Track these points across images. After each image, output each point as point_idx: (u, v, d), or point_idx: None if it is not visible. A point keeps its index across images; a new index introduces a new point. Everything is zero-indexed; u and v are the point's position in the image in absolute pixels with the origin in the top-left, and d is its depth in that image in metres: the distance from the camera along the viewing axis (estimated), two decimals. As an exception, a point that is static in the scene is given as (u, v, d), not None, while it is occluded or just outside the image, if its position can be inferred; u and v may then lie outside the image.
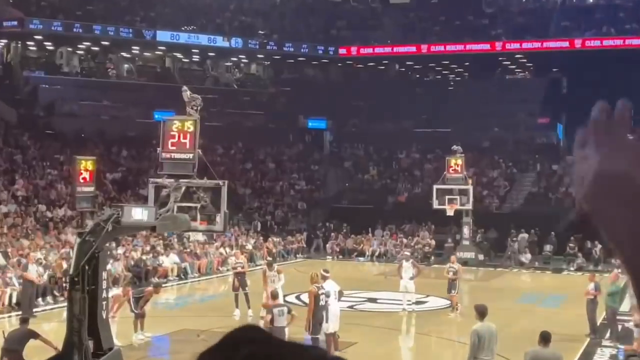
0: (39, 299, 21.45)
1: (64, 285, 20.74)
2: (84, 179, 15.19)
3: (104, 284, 12.94)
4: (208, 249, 30.21)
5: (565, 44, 42.25)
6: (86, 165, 15.41)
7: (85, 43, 43.85)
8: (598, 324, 18.41)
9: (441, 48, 44.82)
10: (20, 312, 19.23)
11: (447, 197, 31.38)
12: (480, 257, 32.78)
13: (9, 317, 20.10)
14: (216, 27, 46.11)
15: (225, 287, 24.77)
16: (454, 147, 31.93)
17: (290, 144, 46.92)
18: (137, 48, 45.85)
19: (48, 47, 44.58)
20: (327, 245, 36.30)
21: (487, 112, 43.36)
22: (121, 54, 46.56)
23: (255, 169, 43.57)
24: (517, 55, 45.49)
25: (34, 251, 23.91)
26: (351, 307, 20.97)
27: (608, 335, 18.15)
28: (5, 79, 42.96)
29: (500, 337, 12.15)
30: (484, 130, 42.96)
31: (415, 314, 21.25)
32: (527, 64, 48.64)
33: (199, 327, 18.11)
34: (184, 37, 43.96)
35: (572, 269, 32.04)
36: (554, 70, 47.08)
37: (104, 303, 12.99)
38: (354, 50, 46.99)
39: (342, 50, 47.07)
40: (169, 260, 27.64)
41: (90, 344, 12.39)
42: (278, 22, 48.49)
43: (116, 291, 18.89)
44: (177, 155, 13.78)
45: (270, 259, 24.84)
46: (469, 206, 31.86)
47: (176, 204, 13.56)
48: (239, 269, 20.80)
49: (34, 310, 20.07)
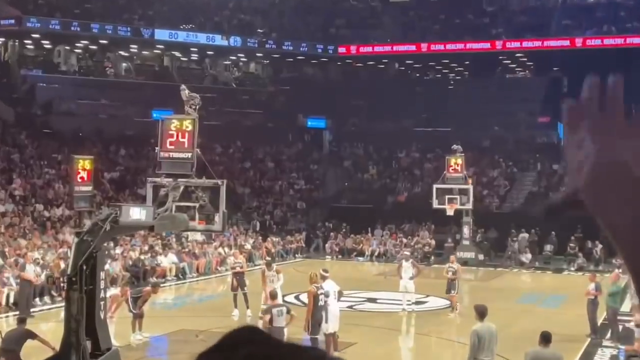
0: (37, 299, 21.46)
1: (61, 285, 20.68)
2: (82, 178, 15.19)
3: (102, 284, 12.94)
4: (206, 248, 30.21)
5: (566, 42, 42.26)
6: (84, 164, 15.43)
7: (83, 41, 43.82)
8: (599, 325, 18.42)
9: (441, 47, 44.80)
10: (17, 312, 19.24)
11: (447, 196, 31.39)
12: (481, 257, 32.79)
13: (7, 317, 20.11)
14: (215, 26, 46.08)
15: (224, 287, 24.78)
16: (454, 147, 31.94)
17: (290, 143, 46.91)
18: (135, 47, 45.82)
19: (46, 46, 44.56)
20: (327, 245, 36.30)
21: (488, 111, 43.37)
22: (119, 52, 46.54)
23: (254, 168, 43.56)
24: (517, 54, 45.50)
25: (32, 251, 23.91)
26: (350, 307, 20.98)
27: (609, 335, 18.17)
28: (2, 78, 42.91)
29: (500, 338, 12.16)
30: (484, 129, 42.96)
31: (415, 314, 21.26)
32: (528, 63, 48.66)
33: (197, 327, 18.11)
34: (182, 36, 43.93)
35: (572, 269, 32.05)
36: (555, 69, 47.08)
37: (102, 303, 12.99)
38: (353, 49, 46.98)
39: (342, 49, 47.06)
40: (167, 260, 27.64)
41: (88, 344, 12.39)
42: (277, 20, 48.48)
43: (114, 291, 18.87)
44: (176, 155, 13.79)
45: (269, 258, 24.90)
46: (469, 206, 31.87)
47: (174, 204, 13.57)
48: (238, 269, 20.81)
49: (32, 310, 20.09)
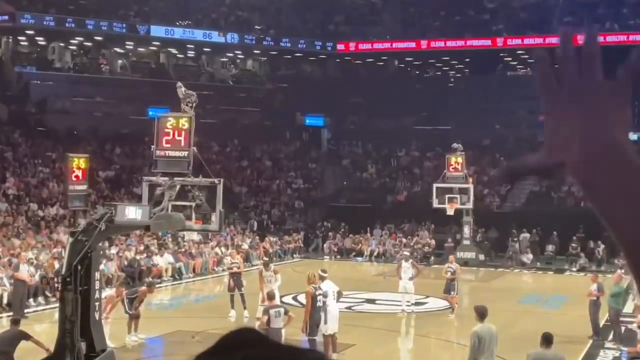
0: (31, 300, 21.44)
1: (55, 285, 20.74)
2: (77, 177, 15.19)
3: (97, 285, 12.92)
4: (203, 248, 30.19)
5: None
6: (79, 163, 15.41)
7: (77, 38, 43.78)
8: (601, 326, 18.43)
9: (441, 44, 44.83)
10: (11, 313, 19.21)
11: (447, 196, 31.40)
12: (481, 257, 32.81)
13: (0, 318, 20.09)
14: (212, 22, 46.07)
15: (221, 287, 24.77)
16: (454, 145, 31.94)
17: (287, 142, 46.91)
18: (131, 43, 45.79)
19: (40, 42, 44.50)
20: (325, 245, 36.30)
21: (488, 109, 43.39)
22: (114, 49, 46.49)
23: (251, 167, 43.56)
24: (518, 51, 45.50)
25: (26, 251, 23.88)
26: (349, 308, 20.98)
27: (611, 337, 18.17)
28: (-4, 75, 42.91)
29: (500, 339, 12.17)
30: (485, 127, 42.99)
31: (415, 315, 21.27)
32: (529, 60, 48.65)
33: (193, 328, 18.11)
34: (178, 32, 43.90)
35: (574, 269, 32.07)
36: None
37: (97, 304, 12.97)
38: (352, 45, 46.99)
39: (340, 46, 47.07)
40: (164, 260, 27.62)
41: (83, 346, 12.37)
42: (275, 17, 48.48)
43: (109, 292, 18.88)
44: (172, 153, 13.78)
45: (267, 259, 24.90)
46: (469, 205, 31.89)
47: (171, 203, 13.56)
48: (235, 269, 20.82)
49: (25, 311, 20.06)
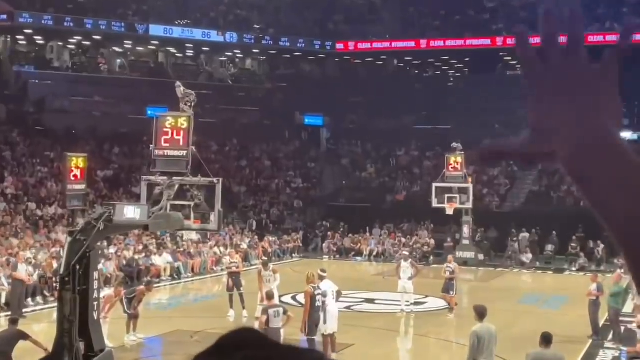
0: (29, 299, 21.46)
1: (54, 285, 20.71)
2: (75, 176, 15.20)
3: (96, 284, 12.93)
4: (202, 248, 30.20)
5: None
6: (77, 162, 15.43)
7: (76, 37, 43.76)
8: (600, 326, 18.45)
9: (441, 43, 44.83)
10: (9, 313, 19.22)
11: (446, 195, 31.40)
12: (481, 257, 32.81)
13: (-2, 317, 20.11)
14: (210, 21, 46.07)
15: (220, 287, 24.76)
16: (454, 145, 31.93)
17: (286, 141, 46.91)
18: (130, 43, 45.78)
19: (38, 42, 44.49)
20: (324, 244, 36.30)
21: (488, 109, 43.36)
22: (113, 48, 46.49)
23: (250, 167, 43.55)
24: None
25: (24, 250, 23.89)
26: (348, 307, 20.98)
27: (611, 337, 18.19)
28: (-6, 74, 42.90)
29: (500, 339, 12.18)
30: (485, 127, 42.86)
31: (414, 315, 21.28)
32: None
33: (192, 328, 18.12)
34: (177, 32, 43.90)
35: (574, 269, 32.08)
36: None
37: (95, 304, 12.98)
38: (351, 45, 46.99)
39: (340, 45, 47.08)
40: (162, 260, 27.62)
41: (81, 346, 12.38)
42: (274, 16, 48.47)
43: (108, 291, 18.89)
44: (171, 153, 13.79)
45: (266, 258, 24.91)
46: (469, 205, 31.89)
47: (169, 202, 13.57)
48: (234, 269, 20.82)
49: (24, 310, 20.08)
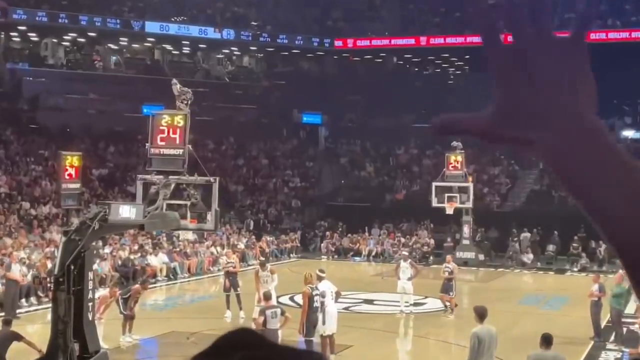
0: (23, 300, 21.44)
1: (48, 285, 20.70)
2: (70, 175, 15.20)
3: (90, 285, 12.93)
4: (198, 248, 30.19)
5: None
6: (72, 161, 15.44)
7: (71, 34, 43.73)
8: (602, 327, 18.47)
9: (441, 40, 44.84)
10: (2, 314, 19.18)
11: (446, 195, 31.41)
12: (481, 257, 32.83)
13: (-9, 318, 20.08)
14: (207, 18, 46.04)
15: (216, 287, 24.78)
16: (454, 143, 31.93)
17: (284, 140, 46.90)
18: (125, 39, 45.75)
19: (32, 38, 44.44)
20: (322, 244, 36.30)
21: (488, 107, 43.37)
22: (108, 45, 46.45)
23: (247, 166, 43.55)
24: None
25: (18, 250, 23.86)
26: (347, 308, 20.99)
27: (613, 338, 18.21)
28: (-13, 71, 42.84)
29: (500, 340, 12.18)
30: (485, 125, 43.00)
31: (413, 316, 21.30)
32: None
33: (188, 329, 18.12)
34: (173, 28, 43.87)
35: (575, 269, 32.11)
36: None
37: (90, 304, 12.97)
38: (350, 42, 46.98)
39: (338, 43, 47.06)
40: (158, 260, 27.61)
41: (76, 347, 12.37)
42: (272, 13, 48.44)
43: (103, 292, 18.86)
44: (167, 151, 13.78)
45: (263, 258, 24.88)
46: (469, 204, 31.90)
47: (165, 202, 13.56)
48: (231, 269, 20.83)
49: (17, 311, 20.08)
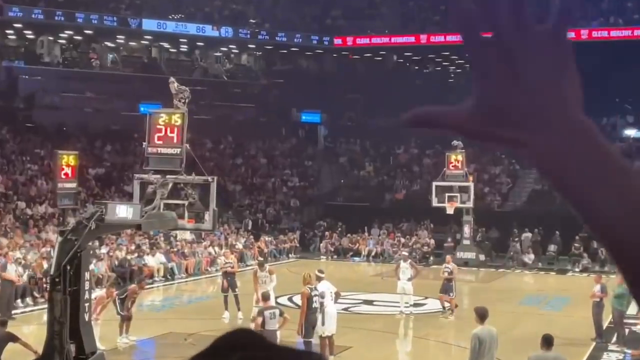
0: (18, 300, 21.43)
1: (44, 286, 20.66)
2: (66, 174, 15.18)
3: (87, 285, 12.92)
4: (196, 248, 30.18)
5: (571, 34, 42.11)
6: (68, 160, 15.41)
7: (67, 32, 43.70)
8: (604, 328, 18.47)
9: (441, 38, 44.77)
10: (-2, 314, 19.20)
11: (447, 194, 31.40)
12: (482, 257, 32.84)
13: (-13, 319, 20.06)
14: (205, 16, 46.01)
15: (214, 288, 24.77)
16: (454, 143, 31.93)
17: (283, 139, 46.90)
18: (122, 37, 45.73)
19: (28, 36, 44.41)
20: (321, 244, 36.31)
21: (489, 106, 43.39)
22: (105, 43, 46.43)
23: (245, 165, 43.54)
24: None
25: (13, 250, 23.84)
26: (346, 309, 20.98)
27: (615, 339, 18.22)
28: (-18, 69, 42.82)
29: (501, 341, 12.18)
30: (486, 124, 43.02)
31: (413, 317, 21.30)
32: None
33: (186, 330, 18.12)
34: (171, 26, 43.84)
35: (577, 270, 32.13)
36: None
37: (87, 305, 12.97)
38: (349, 40, 46.97)
39: (338, 41, 47.05)
40: (155, 260, 27.60)
41: (72, 348, 12.36)
42: (270, 10, 48.44)
43: (99, 292, 18.87)
44: (164, 150, 13.77)
45: (262, 259, 24.87)
46: (469, 204, 31.90)
47: (163, 201, 13.55)
48: (229, 270, 20.82)
49: (13, 312, 20.07)
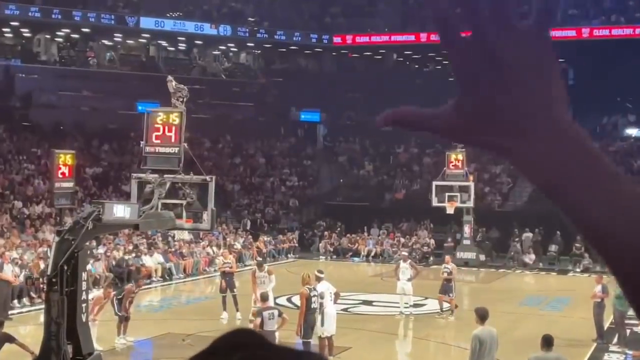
0: (15, 301, 21.42)
1: (41, 286, 20.69)
2: (63, 174, 15.18)
3: (84, 285, 12.91)
4: (194, 248, 30.18)
5: (572, 33, 42.30)
6: (65, 159, 15.41)
7: (64, 30, 43.68)
8: (605, 328, 18.48)
9: (441, 37, 44.83)
10: (-6, 315, 19.20)
11: (447, 194, 31.41)
12: (482, 257, 32.85)
13: (-17, 320, 20.06)
14: (203, 14, 46.00)
15: (212, 288, 24.77)
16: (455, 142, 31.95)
17: (282, 138, 46.90)
18: (120, 35, 45.72)
19: (25, 34, 44.38)
20: (320, 244, 36.30)
21: (490, 105, 43.41)
22: (102, 41, 46.41)
23: (244, 164, 43.53)
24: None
25: (10, 250, 23.84)
26: (345, 310, 20.99)
27: (616, 340, 18.23)
28: (-21, 68, 42.79)
29: (501, 342, 12.19)
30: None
31: (413, 317, 21.30)
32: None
33: (184, 331, 18.12)
34: (169, 24, 43.83)
35: (578, 270, 32.13)
36: (560, 60, 47.02)
37: (84, 305, 12.96)
38: (349, 38, 46.97)
39: (337, 39, 47.05)
40: (153, 260, 27.59)
41: (69, 349, 12.36)
42: (269, 8, 48.43)
43: (97, 293, 18.87)
44: (162, 149, 13.76)
45: (260, 259, 24.95)
46: (470, 204, 31.91)
47: (160, 201, 13.55)
48: (227, 270, 20.82)
49: (10, 312, 20.05)
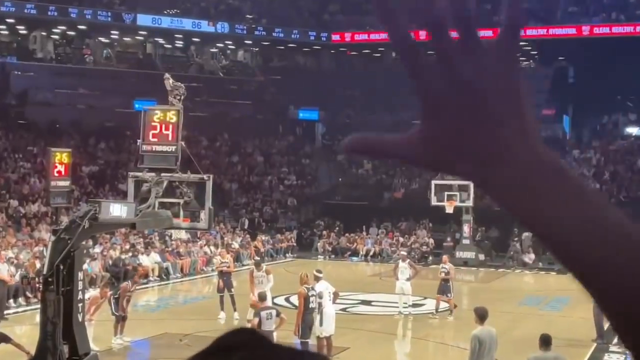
0: (11, 301, 21.41)
1: (37, 286, 20.67)
2: (59, 172, 15.16)
3: (80, 285, 12.92)
4: (191, 247, 30.18)
5: (572, 30, 42.39)
6: (61, 157, 15.39)
7: (60, 27, 43.68)
8: (605, 328, 18.49)
9: (440, 34, 44.89)
10: (-10, 315, 19.20)
11: (446, 193, 31.46)
12: (481, 257, 32.88)
13: (-21, 319, 20.06)
14: (201, 11, 46.00)
15: (210, 288, 24.77)
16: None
17: (280, 136, 46.89)
18: (116, 33, 45.71)
19: (21, 31, 44.39)
20: (319, 244, 36.31)
21: (489, 103, 43.42)
22: (99, 39, 46.40)
23: (242, 163, 43.53)
24: (521, 43, 45.47)
25: (6, 249, 23.84)
26: (344, 309, 21.00)
27: (616, 340, 18.24)
28: (-26, 65, 42.78)
29: (501, 342, 12.20)
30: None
31: (412, 317, 21.32)
32: (532, 52, 48.75)
33: (181, 331, 18.12)
34: (166, 22, 43.84)
35: (578, 270, 32.15)
36: (560, 58, 47.19)
37: (80, 305, 12.97)
38: (347, 36, 46.99)
39: (336, 36, 47.08)
40: (150, 260, 27.59)
41: (65, 349, 12.37)
42: (267, 5, 48.41)
43: (93, 292, 18.86)
44: (159, 148, 13.77)
45: (258, 258, 24.93)
46: (469, 203, 31.94)
47: (158, 200, 13.56)
48: (225, 269, 20.81)
49: (5, 312, 20.07)
